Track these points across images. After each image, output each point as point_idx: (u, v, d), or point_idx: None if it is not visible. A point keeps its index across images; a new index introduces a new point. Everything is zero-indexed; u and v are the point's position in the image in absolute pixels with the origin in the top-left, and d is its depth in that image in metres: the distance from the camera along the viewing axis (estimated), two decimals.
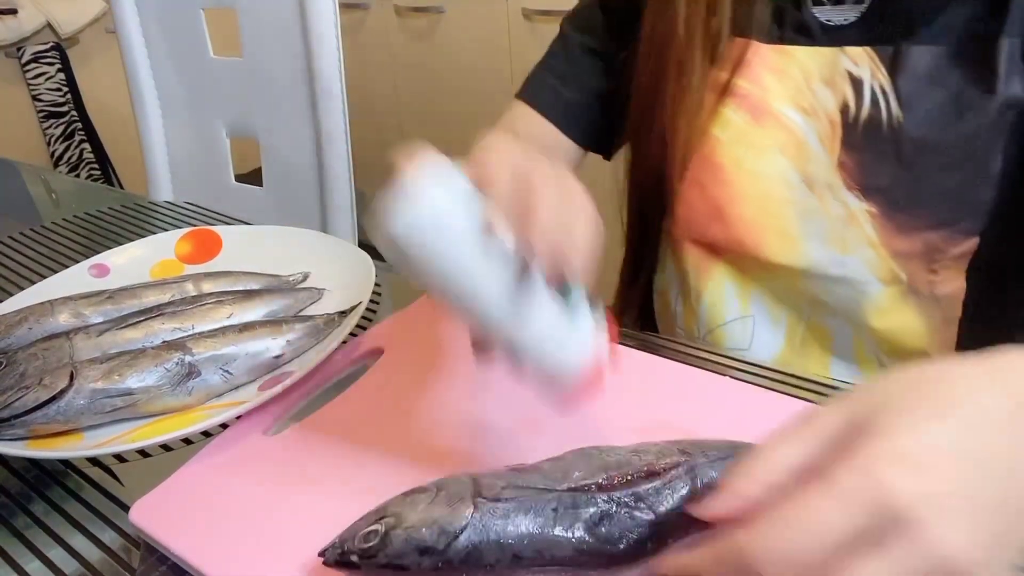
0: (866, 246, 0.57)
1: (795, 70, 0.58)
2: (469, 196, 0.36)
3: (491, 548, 0.35)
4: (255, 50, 1.14)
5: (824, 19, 0.57)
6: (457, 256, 0.35)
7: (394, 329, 0.59)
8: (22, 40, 2.22)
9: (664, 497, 0.37)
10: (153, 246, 0.72)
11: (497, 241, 0.34)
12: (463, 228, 0.35)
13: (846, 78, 0.56)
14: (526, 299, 0.35)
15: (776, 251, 0.60)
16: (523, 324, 0.35)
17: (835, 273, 0.59)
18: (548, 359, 0.36)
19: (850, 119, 0.56)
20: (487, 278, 0.35)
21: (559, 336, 0.36)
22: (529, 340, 0.36)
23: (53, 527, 0.45)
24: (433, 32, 2.07)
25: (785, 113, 0.58)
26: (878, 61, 0.55)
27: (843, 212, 0.57)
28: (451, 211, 0.35)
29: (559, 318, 0.36)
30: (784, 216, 0.59)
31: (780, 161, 0.58)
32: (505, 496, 0.36)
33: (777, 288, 0.63)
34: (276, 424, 0.51)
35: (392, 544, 0.35)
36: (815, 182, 0.58)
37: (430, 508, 0.36)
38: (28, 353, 0.52)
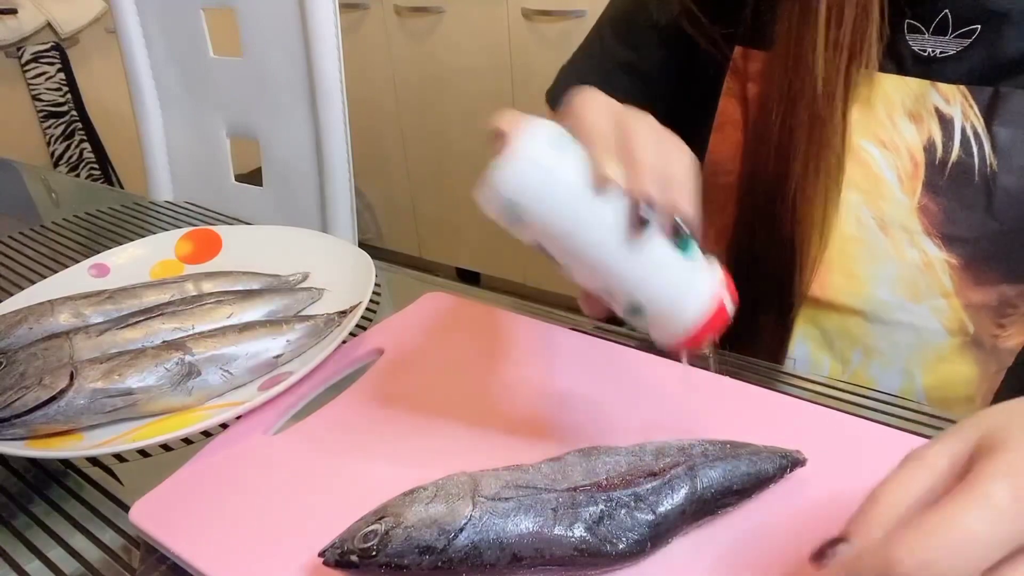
0: (939, 295, 0.54)
1: (878, 100, 0.54)
2: (573, 149, 0.35)
3: (491, 547, 0.35)
4: (255, 50, 1.14)
5: (918, 48, 0.52)
6: (570, 211, 0.35)
7: (394, 329, 0.59)
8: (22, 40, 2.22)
9: (664, 496, 0.37)
10: (153, 246, 0.72)
11: (607, 190, 0.34)
12: (572, 182, 0.35)
13: (933, 114, 0.52)
14: (642, 245, 0.35)
15: (840, 291, 0.57)
16: (643, 271, 0.35)
17: (900, 319, 0.56)
18: (669, 303, 0.36)
19: (936, 160, 0.52)
20: (602, 229, 0.35)
21: (679, 279, 0.36)
22: (650, 286, 0.36)
23: (53, 527, 0.45)
24: (433, 32, 2.07)
25: (862, 146, 0.54)
26: (972, 101, 0.51)
27: (919, 259, 0.54)
28: (558, 167, 0.35)
29: (676, 261, 0.35)
30: (852, 255, 0.56)
31: (852, 197, 0.55)
32: (505, 495, 0.37)
33: (830, 331, 0.59)
34: (276, 424, 0.51)
35: (392, 544, 0.35)
36: (890, 223, 0.54)
37: (429, 507, 0.36)
38: (28, 353, 0.52)
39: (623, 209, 0.34)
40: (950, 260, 0.53)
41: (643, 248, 0.35)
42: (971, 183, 0.51)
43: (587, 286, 0.38)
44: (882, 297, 0.56)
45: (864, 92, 0.54)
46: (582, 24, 1.76)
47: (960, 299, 0.54)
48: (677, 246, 0.35)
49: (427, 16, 2.05)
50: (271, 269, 0.67)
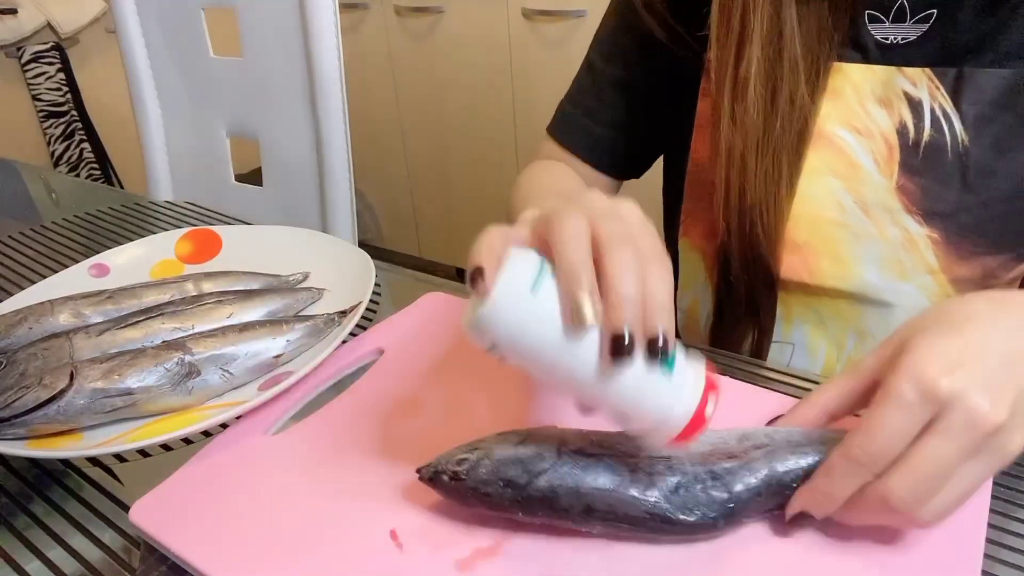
0: (925, 272, 0.55)
1: (848, 89, 0.56)
2: (551, 286, 0.37)
3: (567, 494, 0.38)
4: (255, 50, 1.14)
5: (881, 37, 0.55)
6: (549, 350, 0.36)
7: (394, 329, 0.59)
8: (22, 40, 2.22)
9: (740, 478, 0.38)
10: (153, 246, 0.72)
11: (584, 329, 0.36)
12: (550, 325, 0.36)
13: (903, 99, 0.54)
14: (623, 372, 0.36)
15: (828, 275, 0.58)
16: (624, 396, 0.37)
17: (888, 299, 0.57)
18: (654, 420, 0.37)
19: (910, 141, 0.54)
20: (582, 363, 0.36)
21: (661, 397, 0.37)
22: (633, 408, 0.37)
23: (53, 527, 0.45)
24: (433, 32, 2.07)
25: (837, 134, 0.56)
26: (938, 82, 0.53)
27: (902, 236, 0.55)
28: (537, 311, 0.36)
29: (658, 380, 0.37)
30: (838, 239, 0.57)
31: (832, 183, 0.56)
32: (588, 451, 0.39)
33: (823, 315, 0.61)
34: (276, 424, 0.51)
35: (479, 471, 0.39)
36: (871, 205, 0.56)
37: (518, 448, 0.40)
38: (28, 353, 0.52)
39: (600, 343, 0.36)
40: (932, 235, 0.55)
41: (624, 375, 0.36)
42: (945, 160, 0.53)
43: (574, 400, 0.40)
44: (869, 278, 0.57)
45: (833, 83, 0.56)
46: (582, 24, 1.76)
47: (946, 274, 0.55)
48: (658, 366, 0.36)
49: (427, 16, 2.05)
50: (271, 269, 0.67)
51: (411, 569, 0.39)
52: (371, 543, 0.40)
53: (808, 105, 0.56)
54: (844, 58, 0.56)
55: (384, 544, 0.40)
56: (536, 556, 0.39)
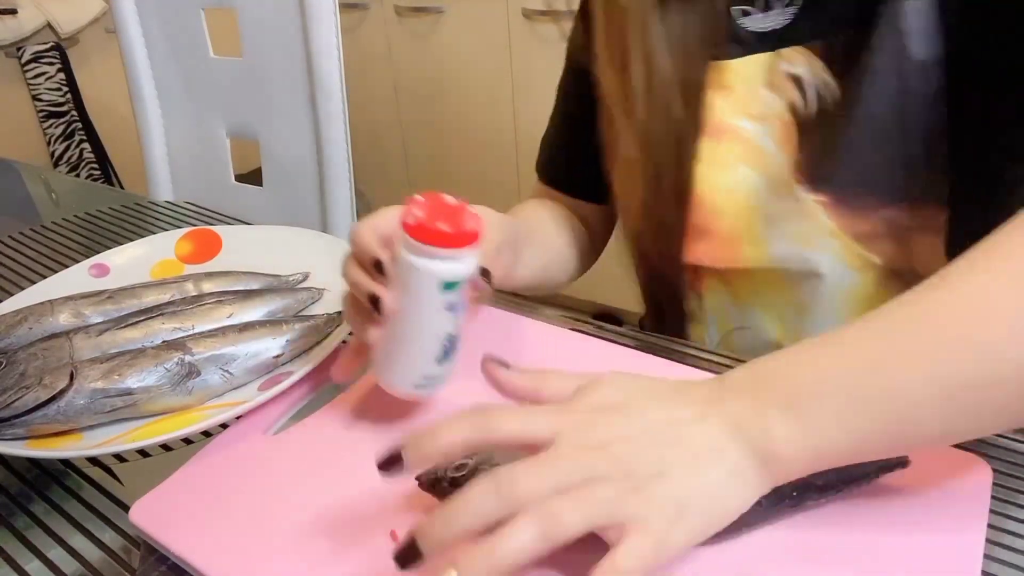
0: (828, 236, 0.58)
1: (736, 82, 0.59)
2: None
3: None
4: (255, 50, 1.14)
5: (756, 28, 0.58)
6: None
7: None
8: (22, 40, 2.22)
9: None
10: (153, 246, 0.72)
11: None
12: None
13: (787, 79, 0.57)
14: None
15: (750, 257, 0.61)
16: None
17: (804, 268, 0.59)
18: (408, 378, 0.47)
19: (802, 117, 0.57)
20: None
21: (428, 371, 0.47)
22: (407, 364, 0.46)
23: (53, 527, 0.45)
24: (433, 32, 2.07)
25: (739, 125, 0.60)
26: (812, 56, 0.56)
27: (797, 207, 0.58)
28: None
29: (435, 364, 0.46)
30: (753, 222, 0.60)
31: (744, 171, 0.60)
32: None
33: (762, 295, 0.63)
34: (276, 424, 0.51)
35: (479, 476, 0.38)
36: (775, 184, 0.59)
37: (517, 453, 0.39)
38: (28, 353, 0.52)
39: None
40: (821, 200, 0.57)
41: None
42: (829, 125, 0.56)
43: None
44: (782, 253, 0.60)
45: (723, 80, 0.60)
46: None
47: (847, 233, 0.57)
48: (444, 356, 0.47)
49: (427, 16, 2.05)
50: (271, 269, 0.67)
51: None
52: (371, 543, 0.40)
53: (685, 114, 0.60)
54: (728, 55, 0.59)
55: (384, 544, 0.40)
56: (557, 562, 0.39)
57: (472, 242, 0.44)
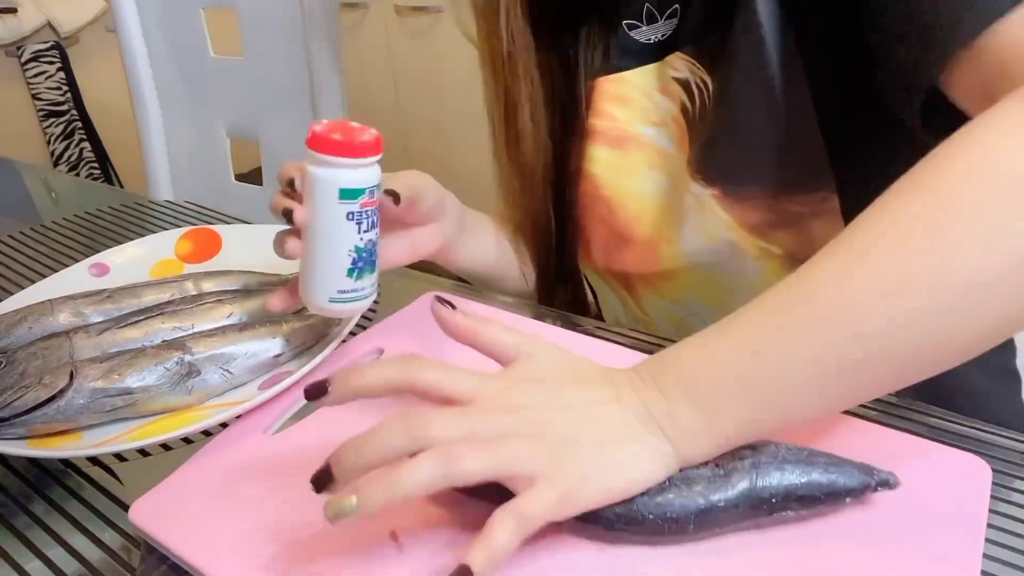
0: (725, 228, 0.59)
1: (633, 92, 0.63)
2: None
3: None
4: (255, 50, 1.14)
5: (644, 40, 0.62)
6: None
7: (394, 329, 0.59)
8: (22, 39, 2.22)
9: (718, 487, 0.38)
10: (153, 245, 0.72)
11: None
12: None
13: (674, 83, 0.61)
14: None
15: (666, 257, 0.63)
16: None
17: (711, 260, 0.61)
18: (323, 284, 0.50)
19: (691, 117, 0.60)
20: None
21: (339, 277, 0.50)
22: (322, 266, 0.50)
23: (53, 527, 0.45)
24: (433, 32, 2.08)
25: (641, 132, 0.63)
26: (693, 60, 0.59)
27: (694, 202, 0.60)
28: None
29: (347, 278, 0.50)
30: (665, 223, 0.62)
31: (651, 175, 0.62)
32: None
33: (694, 288, 0.65)
34: (276, 424, 0.51)
35: None
36: (678, 186, 0.61)
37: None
38: (28, 352, 0.52)
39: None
40: (712, 192, 0.59)
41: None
42: (708, 121, 0.59)
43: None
44: (690, 248, 0.62)
45: (619, 92, 0.63)
46: None
47: (743, 226, 0.59)
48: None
49: (427, 16, 2.05)
50: (271, 269, 0.67)
51: (411, 569, 0.39)
52: (371, 543, 0.40)
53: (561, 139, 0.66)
54: (622, 68, 0.63)
55: (384, 544, 0.40)
56: (536, 557, 0.39)
57: (366, 153, 0.50)
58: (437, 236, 0.62)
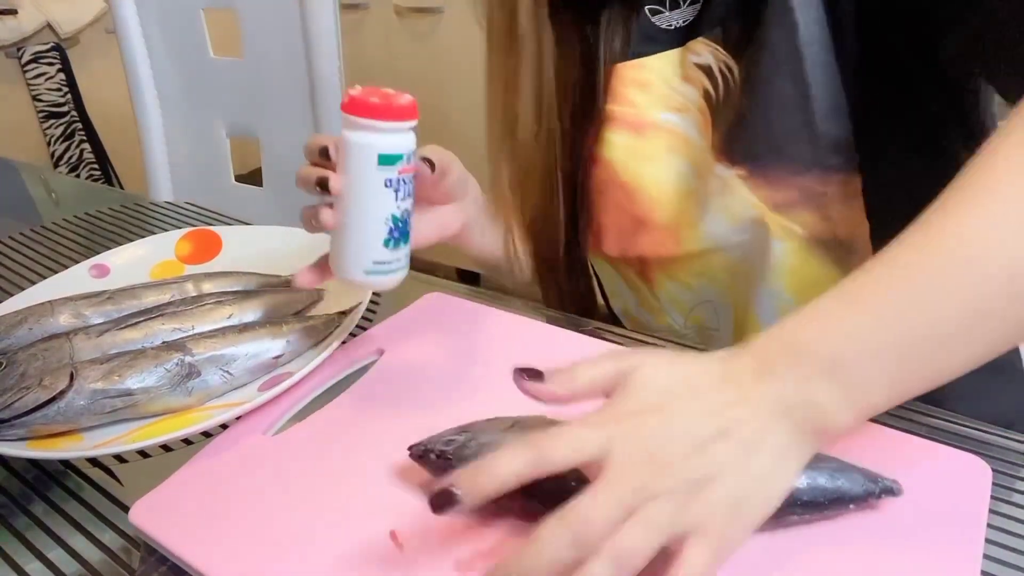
0: (750, 207, 0.60)
1: (654, 78, 0.63)
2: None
3: (547, 478, 0.38)
4: (255, 50, 1.14)
5: (665, 25, 0.62)
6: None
7: (394, 329, 0.59)
8: (22, 40, 2.22)
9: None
10: (153, 246, 0.72)
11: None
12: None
13: (697, 70, 0.61)
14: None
15: (689, 240, 0.64)
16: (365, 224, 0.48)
17: (737, 241, 0.61)
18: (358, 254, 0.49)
19: (714, 103, 0.60)
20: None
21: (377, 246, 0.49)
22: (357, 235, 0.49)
23: (53, 527, 0.45)
24: (433, 32, 2.08)
25: (662, 119, 0.63)
26: (716, 45, 0.59)
27: (720, 184, 0.60)
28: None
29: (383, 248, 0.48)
30: (688, 207, 0.63)
31: (673, 160, 0.63)
32: None
33: (710, 273, 0.65)
34: (276, 424, 0.51)
35: (464, 452, 0.41)
36: (702, 170, 0.61)
37: (504, 433, 0.42)
38: (28, 353, 0.52)
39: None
40: (739, 173, 0.59)
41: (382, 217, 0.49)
42: (734, 105, 0.59)
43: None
44: (715, 230, 0.62)
45: (640, 77, 0.63)
46: None
47: (767, 204, 0.59)
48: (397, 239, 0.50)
49: (427, 16, 2.05)
50: (271, 269, 0.67)
51: (411, 569, 0.39)
52: (371, 543, 0.40)
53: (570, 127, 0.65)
54: (643, 53, 0.63)
55: (384, 544, 0.40)
56: None
57: (404, 117, 0.47)
58: (460, 215, 0.62)
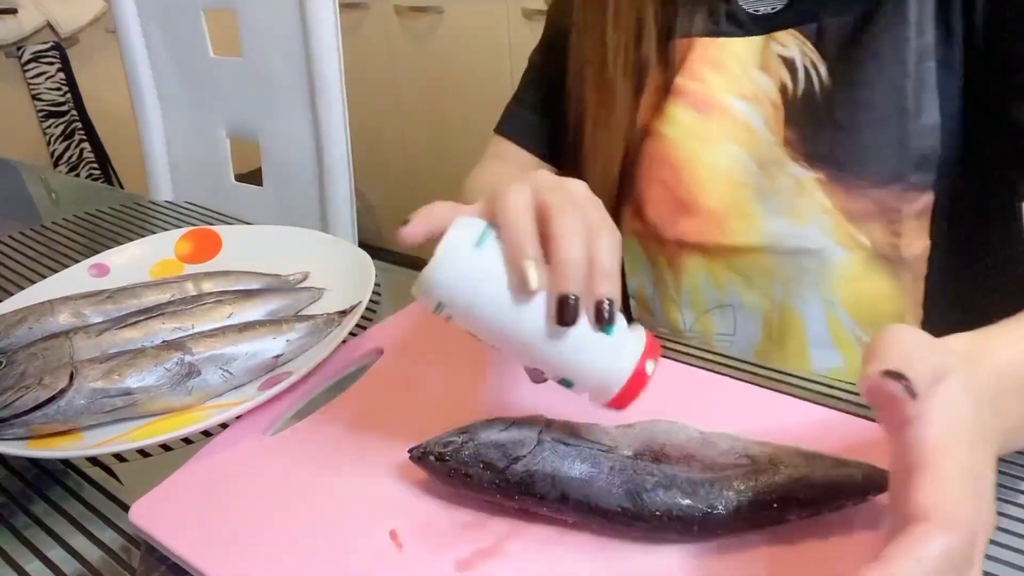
0: (821, 213, 0.59)
1: (732, 61, 0.61)
2: (496, 251, 0.38)
3: (543, 480, 0.39)
4: (255, 50, 1.14)
5: (752, 10, 0.61)
6: (494, 312, 0.38)
7: (394, 329, 0.59)
8: (22, 40, 2.22)
9: (719, 490, 0.38)
10: (153, 246, 0.72)
11: (529, 295, 0.38)
12: (495, 287, 0.38)
13: (779, 61, 0.60)
14: (566, 335, 0.38)
15: (739, 233, 0.62)
16: (567, 357, 0.39)
17: (796, 245, 0.61)
18: (595, 381, 0.40)
19: (790, 98, 0.59)
20: (526, 325, 0.38)
21: (603, 359, 0.39)
22: (576, 368, 0.39)
23: (53, 527, 0.45)
24: (433, 32, 2.08)
25: (730, 103, 0.61)
26: (804, 39, 0.58)
27: (792, 184, 0.59)
28: (482, 274, 0.38)
29: (599, 342, 0.39)
30: (743, 199, 0.62)
31: (732, 148, 0.62)
32: (568, 441, 0.41)
33: (747, 272, 0.64)
34: (276, 424, 0.51)
35: (462, 453, 0.41)
36: (765, 162, 0.61)
37: (502, 433, 0.42)
38: (28, 353, 0.52)
39: (545, 307, 0.38)
40: (817, 176, 0.59)
41: (567, 338, 0.38)
42: (816, 105, 0.59)
43: (520, 362, 0.42)
44: (774, 228, 0.61)
45: (718, 57, 0.62)
46: None
47: (841, 212, 0.59)
48: (601, 329, 0.38)
49: (427, 16, 2.05)
50: (271, 269, 0.67)
51: (411, 569, 0.39)
52: (371, 543, 0.40)
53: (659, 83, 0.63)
54: (725, 34, 0.62)
55: (384, 544, 0.40)
56: (536, 557, 0.39)
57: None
58: None
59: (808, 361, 0.64)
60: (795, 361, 0.64)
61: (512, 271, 0.37)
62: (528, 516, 0.41)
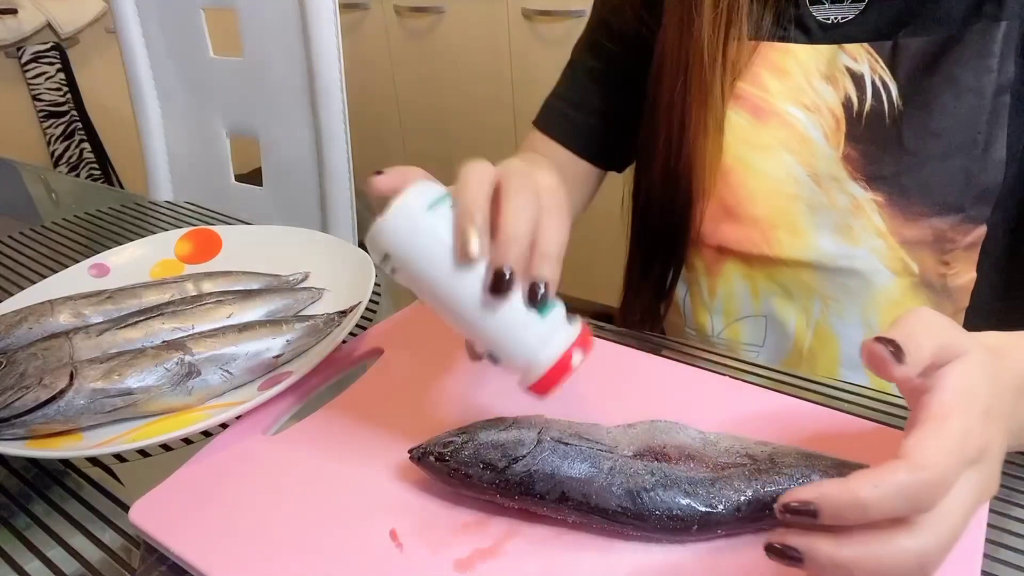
0: (875, 236, 0.58)
1: (795, 68, 0.59)
2: (448, 215, 0.40)
3: (543, 480, 0.39)
4: (255, 50, 1.14)
5: (822, 17, 0.59)
6: (435, 272, 0.39)
7: (394, 329, 0.59)
8: (22, 40, 2.22)
9: (720, 490, 0.38)
10: (153, 246, 0.72)
11: (469, 260, 0.39)
12: (439, 247, 0.39)
13: (846, 74, 0.57)
14: (499, 307, 0.39)
15: (786, 246, 0.61)
16: (498, 330, 0.40)
17: (845, 265, 0.59)
18: (521, 360, 0.40)
19: (854, 113, 0.57)
20: (463, 291, 0.39)
21: (532, 339, 0.40)
22: (504, 343, 0.40)
23: (53, 527, 0.45)
24: (433, 32, 2.07)
25: (788, 111, 0.59)
26: (876, 56, 0.56)
27: (849, 203, 0.58)
28: (428, 232, 0.39)
29: (531, 322, 0.40)
30: (793, 211, 0.60)
31: (786, 158, 0.60)
32: (568, 441, 0.41)
33: (787, 285, 0.63)
34: (276, 424, 0.51)
35: (462, 454, 0.41)
36: (821, 177, 0.59)
37: (501, 434, 0.42)
38: (28, 353, 0.52)
39: (483, 276, 0.39)
40: (876, 199, 0.57)
41: (500, 310, 0.39)
42: (884, 126, 0.56)
43: (454, 331, 0.43)
44: (824, 245, 0.60)
45: (780, 62, 0.60)
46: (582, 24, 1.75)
47: (895, 236, 0.58)
48: (535, 308, 0.39)
49: (427, 16, 2.05)
50: (271, 269, 0.67)
51: (411, 569, 0.39)
52: (371, 543, 0.40)
53: (717, 84, 0.60)
54: (790, 39, 0.60)
55: (384, 544, 0.40)
56: (536, 556, 0.39)
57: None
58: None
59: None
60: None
61: (457, 237, 0.39)
62: (528, 516, 0.41)
